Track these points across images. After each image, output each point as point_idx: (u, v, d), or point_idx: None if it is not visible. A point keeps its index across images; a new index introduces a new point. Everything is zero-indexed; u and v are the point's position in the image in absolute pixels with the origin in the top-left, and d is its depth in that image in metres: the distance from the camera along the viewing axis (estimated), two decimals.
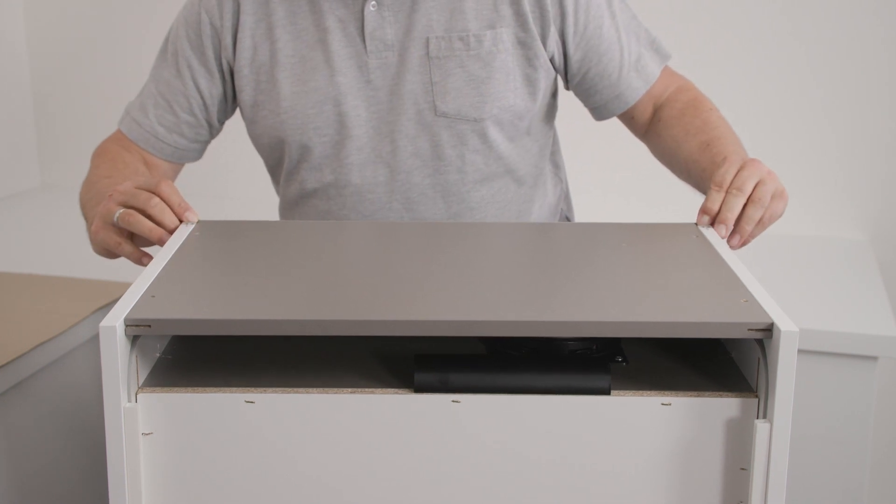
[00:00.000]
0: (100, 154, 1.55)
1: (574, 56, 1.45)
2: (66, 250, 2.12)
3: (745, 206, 1.22)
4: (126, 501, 0.95)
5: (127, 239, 1.22)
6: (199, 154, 1.56)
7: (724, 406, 0.95)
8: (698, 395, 0.96)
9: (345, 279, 1.07)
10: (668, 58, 1.52)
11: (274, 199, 1.65)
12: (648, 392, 0.96)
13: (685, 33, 2.28)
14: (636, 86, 1.49)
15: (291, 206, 1.53)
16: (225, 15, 1.45)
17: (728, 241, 1.20)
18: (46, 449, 1.62)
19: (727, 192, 1.22)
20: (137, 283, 1.02)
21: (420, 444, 0.96)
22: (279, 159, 1.50)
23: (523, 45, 1.42)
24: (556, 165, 1.67)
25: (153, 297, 0.99)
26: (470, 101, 1.41)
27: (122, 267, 1.93)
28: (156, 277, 1.04)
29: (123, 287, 1.73)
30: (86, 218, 1.38)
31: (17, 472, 1.55)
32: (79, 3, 2.58)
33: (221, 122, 1.54)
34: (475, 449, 0.96)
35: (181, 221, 1.21)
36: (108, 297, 1.74)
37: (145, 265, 1.20)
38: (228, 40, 1.46)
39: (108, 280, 1.83)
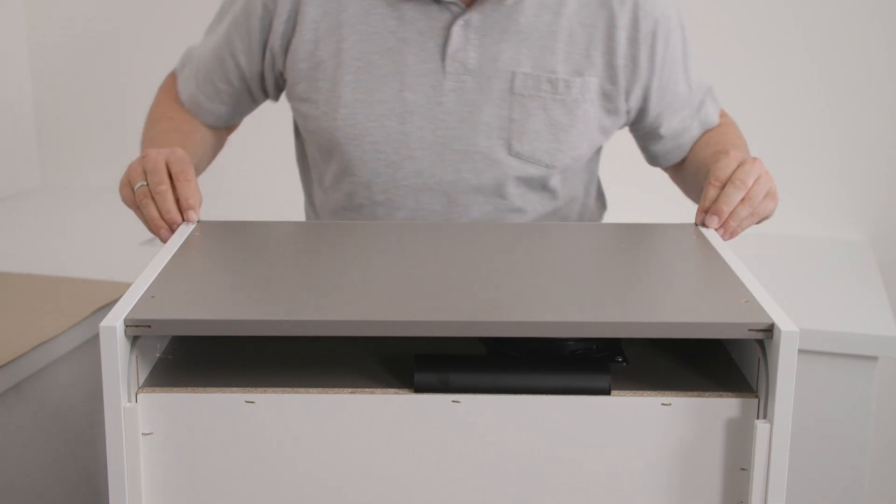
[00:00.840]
0: (164, 94, 1.53)
1: (652, 112, 1.42)
2: (66, 250, 2.12)
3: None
4: (126, 501, 0.95)
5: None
6: (244, 116, 1.51)
7: (724, 406, 0.95)
8: (698, 395, 0.96)
9: (345, 279, 1.07)
10: (713, 123, 1.51)
11: (273, 200, 1.65)
12: (648, 392, 0.96)
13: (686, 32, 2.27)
14: (695, 134, 1.48)
15: (330, 213, 1.46)
16: (281, 1, 1.36)
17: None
18: (46, 449, 1.62)
19: (727, 183, 1.22)
20: (137, 284, 1.02)
21: (420, 444, 0.96)
22: (327, 160, 1.42)
23: (607, 97, 1.37)
24: (599, 193, 1.64)
25: (153, 297, 0.99)
26: (546, 146, 1.35)
27: (122, 267, 1.93)
28: (156, 278, 1.04)
29: (123, 287, 1.73)
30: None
31: (16, 472, 1.55)
32: (79, 4, 2.58)
33: (266, 96, 1.47)
34: (475, 449, 0.96)
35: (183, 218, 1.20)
36: (108, 297, 1.74)
37: (163, 239, 1.19)
38: (281, 27, 1.37)
39: (108, 280, 1.83)
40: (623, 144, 2.44)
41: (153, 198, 1.20)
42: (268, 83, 1.44)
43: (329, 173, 1.42)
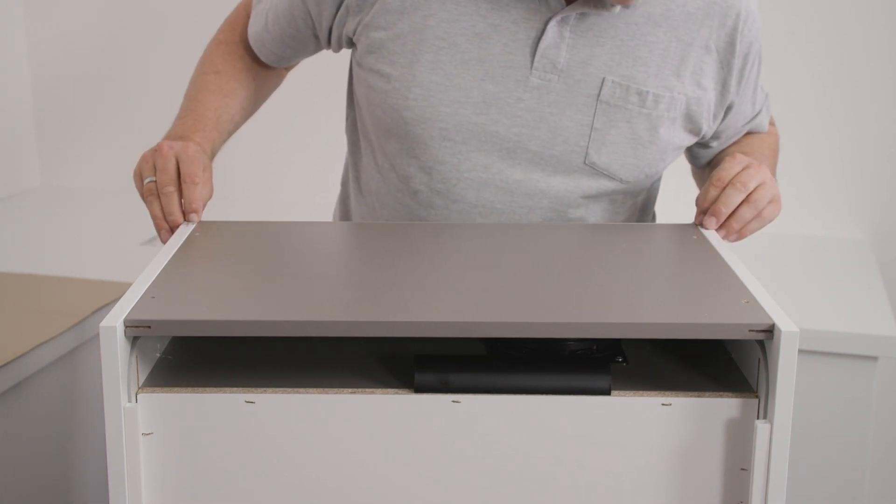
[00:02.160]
0: (228, 28, 1.49)
1: (720, 127, 1.39)
2: (66, 250, 2.12)
3: (740, 204, 1.21)
4: (126, 501, 0.95)
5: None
6: (305, 58, 1.47)
7: (724, 406, 0.95)
8: (698, 396, 0.96)
9: (345, 280, 1.07)
10: (765, 128, 1.49)
11: (273, 200, 1.64)
12: (648, 392, 0.96)
13: None
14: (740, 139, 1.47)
15: (378, 194, 1.39)
16: None
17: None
18: (46, 449, 1.62)
19: (728, 185, 1.21)
20: (137, 284, 1.02)
21: (420, 444, 0.96)
22: (386, 137, 1.34)
23: (691, 118, 1.32)
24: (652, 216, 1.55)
25: (153, 297, 0.99)
26: (623, 160, 1.29)
27: (122, 267, 1.93)
28: (156, 278, 1.04)
29: (123, 287, 1.73)
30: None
31: (16, 472, 1.55)
32: (79, 4, 2.58)
33: (330, 47, 1.40)
34: (475, 449, 0.96)
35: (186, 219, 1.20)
36: (108, 297, 1.74)
37: (162, 240, 1.20)
38: None
39: (108, 280, 1.83)
40: None
41: (159, 197, 1.21)
42: (334, 38, 1.37)
43: (386, 152, 1.35)
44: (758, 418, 0.94)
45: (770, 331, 0.92)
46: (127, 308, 0.95)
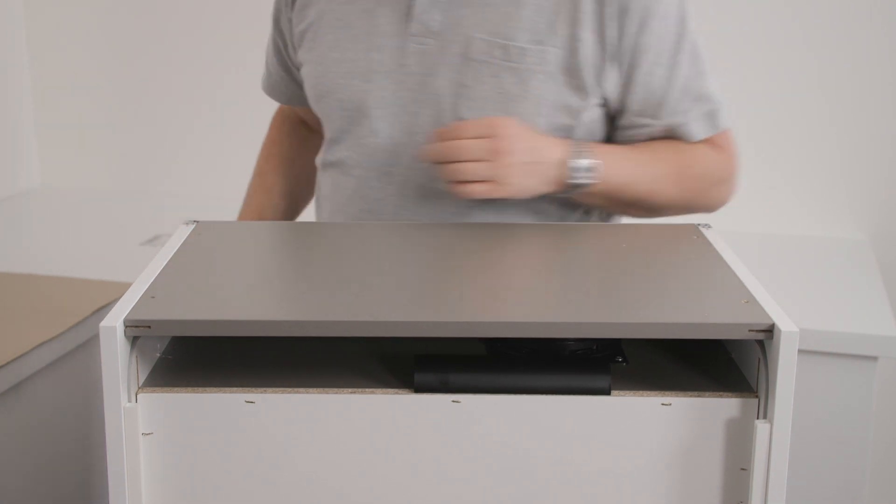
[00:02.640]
0: (273, 119, 1.66)
1: (628, 100, 1.34)
2: (66, 250, 2.12)
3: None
4: (126, 501, 0.95)
5: None
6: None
7: (724, 406, 0.95)
8: (698, 396, 0.96)
9: (345, 279, 1.07)
10: (719, 129, 1.38)
11: None
12: (648, 392, 0.96)
13: None
14: (655, 135, 1.37)
15: (320, 171, 1.48)
16: None
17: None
18: (46, 449, 1.62)
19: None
20: (137, 284, 1.02)
21: (420, 444, 0.96)
22: (324, 123, 1.45)
23: (570, 72, 1.30)
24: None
25: (153, 297, 0.99)
26: (493, 114, 1.29)
27: (122, 267, 1.93)
28: (156, 278, 1.04)
29: (123, 287, 1.73)
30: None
31: (17, 472, 1.55)
32: (79, 4, 2.58)
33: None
34: (475, 449, 0.96)
35: None
36: (108, 297, 1.74)
37: None
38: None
39: (108, 280, 1.83)
40: None
41: None
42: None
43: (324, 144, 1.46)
44: (758, 418, 0.94)
45: (770, 331, 0.93)
46: (127, 308, 0.95)
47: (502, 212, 1.34)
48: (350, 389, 0.96)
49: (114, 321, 0.92)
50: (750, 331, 0.93)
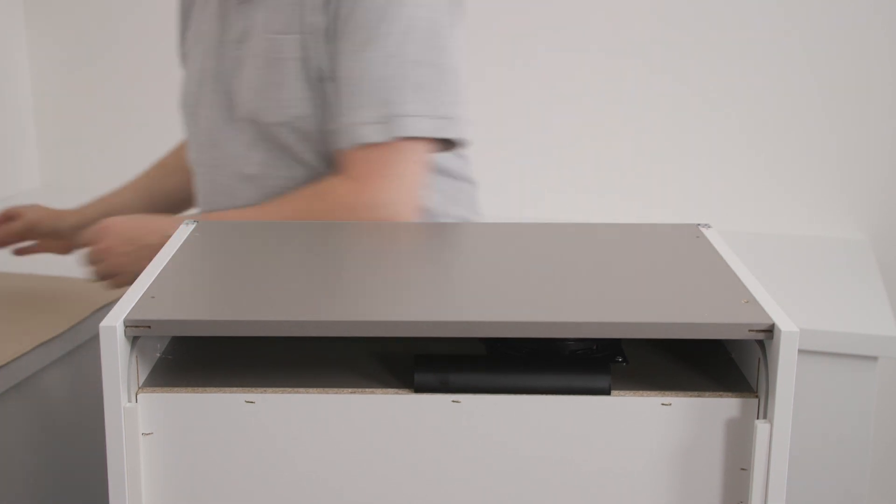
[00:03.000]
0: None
1: (335, 67, 1.40)
2: None
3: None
4: (126, 501, 0.95)
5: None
6: None
7: (724, 406, 0.95)
8: (698, 395, 0.96)
9: (345, 279, 1.07)
10: (392, 136, 1.33)
11: None
12: (648, 392, 0.96)
13: (685, 33, 2.28)
14: (340, 142, 1.38)
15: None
16: None
17: None
18: (46, 449, 1.62)
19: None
20: (137, 284, 1.02)
21: (420, 444, 0.96)
22: None
23: (309, 55, 1.41)
24: None
25: (153, 297, 0.99)
26: (261, 104, 1.43)
27: None
28: (156, 278, 1.04)
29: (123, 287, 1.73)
30: None
31: (17, 472, 1.55)
32: (79, 4, 2.58)
33: None
34: (475, 449, 0.96)
35: None
36: (108, 297, 1.74)
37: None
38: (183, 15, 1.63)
39: None
40: (624, 145, 2.44)
41: None
42: None
43: None
44: (758, 418, 0.94)
45: (770, 331, 0.93)
46: (127, 308, 0.95)
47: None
48: (350, 389, 0.96)
49: (114, 321, 0.92)
50: (750, 331, 0.93)
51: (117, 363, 0.92)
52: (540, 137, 2.39)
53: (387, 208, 1.34)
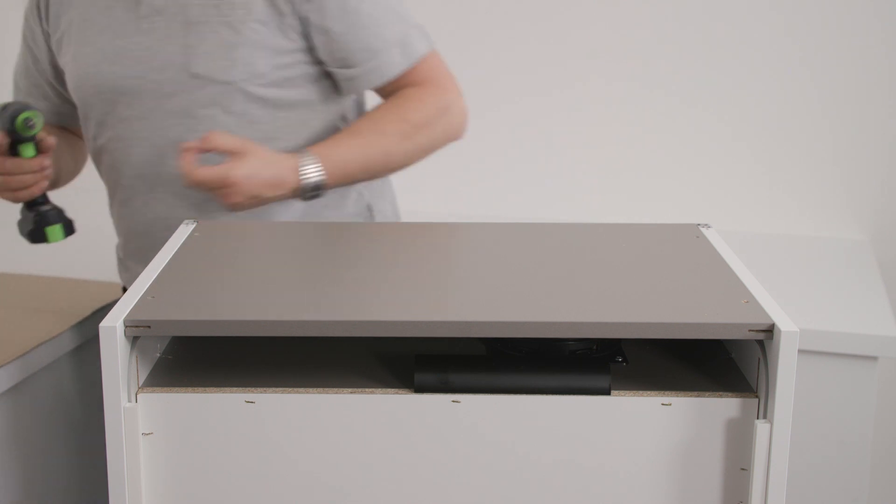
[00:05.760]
0: None
1: (324, 50, 1.49)
2: (66, 250, 2.12)
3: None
4: (126, 501, 0.95)
5: None
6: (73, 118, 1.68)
7: (724, 406, 0.95)
8: (698, 395, 0.96)
9: (345, 279, 1.07)
10: (413, 59, 1.53)
11: None
12: (648, 392, 0.96)
13: (685, 33, 2.28)
14: (396, 62, 1.52)
15: (95, 157, 1.63)
16: None
17: None
18: (46, 449, 1.62)
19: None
20: (137, 284, 1.02)
21: (420, 444, 0.96)
22: (85, 121, 1.60)
23: (276, 14, 1.47)
24: None
25: (153, 297, 0.99)
26: (219, 63, 1.46)
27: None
28: (156, 278, 1.04)
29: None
30: None
31: (17, 472, 1.55)
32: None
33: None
34: (475, 449, 0.96)
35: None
36: (108, 297, 1.74)
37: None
38: (44, 12, 1.60)
39: (109, 280, 1.83)
40: (624, 145, 2.44)
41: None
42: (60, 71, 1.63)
43: (89, 132, 1.60)
44: (758, 418, 0.94)
45: (770, 331, 0.93)
46: (127, 308, 0.95)
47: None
48: (350, 389, 0.96)
49: (114, 321, 0.92)
50: (750, 331, 0.93)
51: (117, 363, 0.92)
52: (541, 138, 2.39)
53: (459, 101, 1.56)
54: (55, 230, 1.55)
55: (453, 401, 0.95)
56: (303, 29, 1.48)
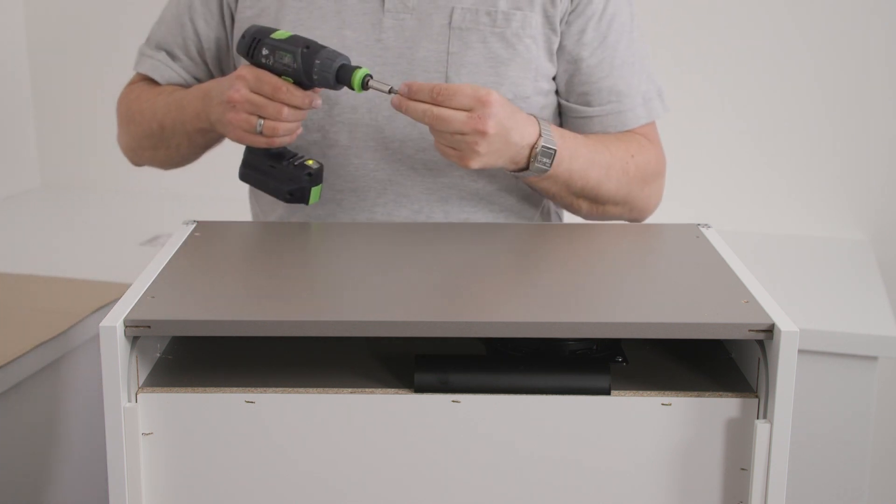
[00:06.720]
0: (129, 93, 1.54)
1: (572, 85, 1.39)
2: (66, 250, 2.12)
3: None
4: (126, 501, 0.95)
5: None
6: None
7: (724, 406, 0.95)
8: (698, 395, 0.96)
9: (345, 279, 1.07)
10: (653, 117, 1.44)
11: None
12: (648, 392, 0.96)
13: (686, 33, 2.27)
14: (605, 121, 1.40)
15: None
16: None
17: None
18: (46, 449, 1.62)
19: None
20: (137, 284, 1.02)
21: (420, 444, 0.96)
22: None
23: (548, 38, 1.36)
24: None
25: (153, 297, 0.99)
26: (485, 79, 1.33)
27: (122, 267, 1.93)
28: (155, 278, 1.04)
29: (123, 287, 1.72)
30: (179, 120, 1.42)
31: (17, 472, 1.55)
32: (79, 3, 2.58)
33: (224, 71, 1.47)
34: (475, 449, 0.96)
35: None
36: (108, 297, 1.74)
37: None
38: None
39: (108, 280, 1.83)
40: None
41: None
42: (222, 51, 1.46)
43: None
44: (758, 418, 0.94)
45: (770, 331, 0.93)
46: (127, 308, 0.95)
47: (464, 208, 1.38)
48: (350, 389, 0.96)
49: (114, 321, 0.92)
50: (750, 331, 0.93)
51: (117, 363, 0.92)
52: None
53: (663, 186, 1.47)
54: (318, 191, 1.32)
55: (453, 401, 0.95)
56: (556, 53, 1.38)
